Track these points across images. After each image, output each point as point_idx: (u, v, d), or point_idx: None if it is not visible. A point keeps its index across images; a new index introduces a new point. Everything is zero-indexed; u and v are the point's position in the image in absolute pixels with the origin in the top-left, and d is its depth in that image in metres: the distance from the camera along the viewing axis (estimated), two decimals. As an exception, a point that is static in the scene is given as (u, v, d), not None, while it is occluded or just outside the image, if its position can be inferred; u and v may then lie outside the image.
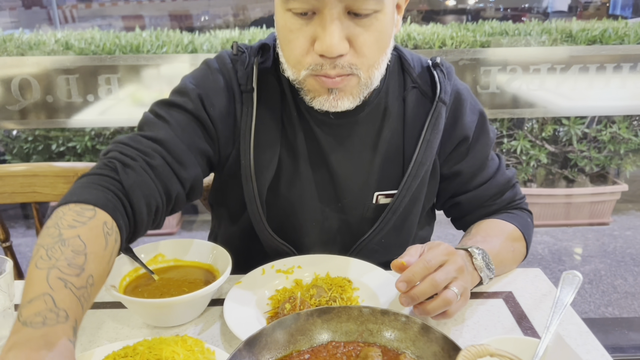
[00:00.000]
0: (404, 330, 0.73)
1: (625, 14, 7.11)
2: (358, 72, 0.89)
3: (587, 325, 0.88)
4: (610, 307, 2.70)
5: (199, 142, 0.99)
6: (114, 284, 0.91)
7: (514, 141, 3.41)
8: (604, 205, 3.58)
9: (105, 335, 0.89)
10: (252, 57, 1.02)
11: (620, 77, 2.21)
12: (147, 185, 0.89)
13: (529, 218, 1.15)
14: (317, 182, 1.06)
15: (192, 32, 3.32)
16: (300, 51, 0.88)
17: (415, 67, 1.07)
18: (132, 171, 0.88)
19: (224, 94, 1.01)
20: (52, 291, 0.67)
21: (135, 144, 0.93)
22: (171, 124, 0.97)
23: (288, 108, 1.03)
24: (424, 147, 1.02)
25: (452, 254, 0.85)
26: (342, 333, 0.75)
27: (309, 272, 1.00)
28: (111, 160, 0.89)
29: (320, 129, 1.03)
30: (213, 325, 0.91)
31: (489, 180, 1.12)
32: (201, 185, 1.01)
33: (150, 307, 0.87)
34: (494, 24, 3.42)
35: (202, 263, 1.00)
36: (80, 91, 2.12)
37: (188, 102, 0.99)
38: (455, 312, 0.84)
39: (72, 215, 0.78)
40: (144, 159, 0.91)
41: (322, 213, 1.07)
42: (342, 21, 0.84)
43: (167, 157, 0.93)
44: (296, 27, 0.87)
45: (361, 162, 1.05)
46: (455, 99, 1.07)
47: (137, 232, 0.89)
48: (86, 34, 3.19)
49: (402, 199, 1.04)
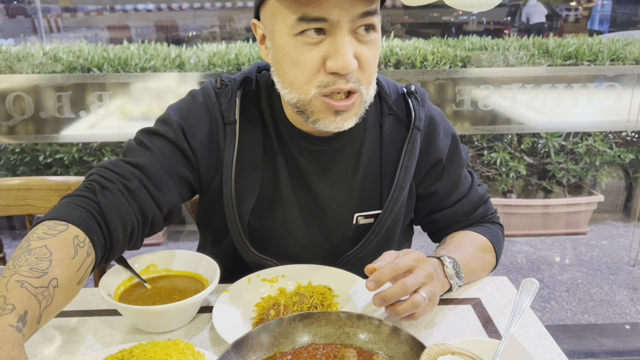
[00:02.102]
0: (377, 332, 0.81)
1: (602, 29, 7.31)
2: (362, 88, 0.94)
3: (561, 332, 0.96)
4: (587, 315, 2.79)
5: (179, 168, 1.05)
6: (110, 292, 0.97)
7: (494, 153, 3.50)
8: (581, 215, 3.68)
9: (102, 340, 0.95)
10: (234, 91, 1.07)
11: (591, 95, 2.32)
12: (123, 206, 0.95)
13: (500, 231, 1.23)
14: (300, 206, 1.11)
15: (179, 44, 3.38)
16: (311, 71, 0.92)
17: (391, 95, 1.14)
18: (109, 193, 0.95)
19: (206, 126, 1.06)
20: (7, 292, 0.74)
21: (115, 168, 1.00)
22: (152, 151, 1.03)
23: (269, 137, 1.09)
24: (402, 173, 1.09)
25: (422, 261, 0.92)
26: (321, 336, 0.83)
27: (292, 281, 1.08)
28: (91, 182, 0.97)
29: (302, 157, 1.08)
30: (203, 331, 0.97)
31: (462, 198, 1.19)
32: (179, 209, 1.07)
33: (144, 314, 0.93)
34: (473, 40, 3.53)
35: (191, 273, 1.07)
36: (73, 107, 2.18)
37: (170, 132, 1.05)
38: (423, 314, 0.92)
39: (43, 229, 0.85)
40: (121, 182, 0.97)
41: (305, 234, 1.13)
42: (351, 40, 0.90)
43: (144, 180, 0.99)
44: (307, 49, 0.91)
45: (342, 185, 1.11)
46: (429, 124, 1.14)
47: (113, 250, 0.95)
48: (74, 46, 3.23)
49: (384, 221, 1.11)
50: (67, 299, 0.84)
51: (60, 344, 0.94)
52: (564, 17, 7.23)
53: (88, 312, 1.03)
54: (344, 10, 0.87)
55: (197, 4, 6.83)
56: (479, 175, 3.58)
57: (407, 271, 0.89)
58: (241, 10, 6.70)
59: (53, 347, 0.93)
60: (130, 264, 1.05)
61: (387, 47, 3.19)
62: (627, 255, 3.40)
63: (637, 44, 3.25)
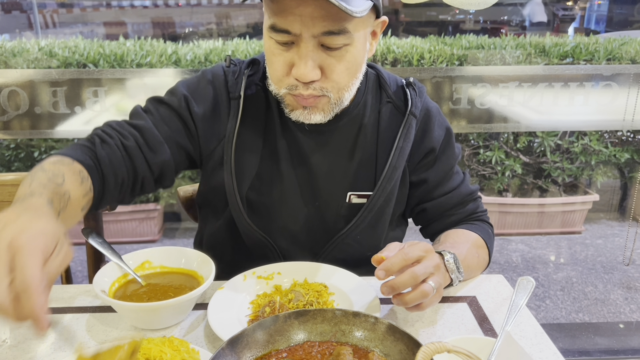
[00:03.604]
0: (373, 330, 0.80)
1: (599, 29, 7.33)
2: (329, 94, 1.02)
3: (556, 331, 0.96)
4: (581, 313, 2.79)
5: (177, 136, 1.13)
6: (104, 289, 0.97)
7: (490, 152, 3.50)
8: (576, 214, 3.68)
9: (96, 337, 0.95)
10: (242, 70, 1.15)
11: (589, 94, 2.32)
12: (117, 160, 1.06)
13: (490, 229, 1.24)
14: (298, 182, 1.16)
15: (175, 40, 3.36)
16: (280, 73, 1.01)
17: (391, 85, 1.19)
18: (107, 146, 1.06)
19: (210, 99, 1.15)
20: (31, 189, 0.84)
21: (117, 127, 1.11)
22: (154, 116, 1.13)
23: (272, 115, 1.15)
24: (397, 154, 1.14)
25: (430, 252, 0.93)
26: (317, 333, 0.82)
27: (288, 278, 1.07)
28: (93, 136, 1.09)
29: (302, 134, 1.14)
30: (197, 328, 0.97)
31: (453, 190, 1.22)
32: (171, 174, 1.15)
33: (139, 311, 0.93)
34: (470, 38, 3.52)
35: (186, 270, 1.06)
36: (68, 103, 2.16)
37: (174, 101, 1.14)
38: (429, 305, 0.92)
39: (53, 159, 0.98)
40: (120, 139, 1.08)
41: (301, 210, 1.17)
42: (316, 52, 0.96)
43: (140, 141, 1.09)
44: (278, 52, 1.00)
45: (338, 164, 1.16)
46: (425, 115, 1.20)
47: (105, 197, 1.05)
48: (70, 42, 3.20)
49: (377, 199, 1.14)
50: (73, 219, 0.93)
51: (53, 340, 0.93)
52: (561, 16, 7.25)
53: (82, 308, 1.03)
54: (305, 27, 0.93)
55: (194, 0, 6.80)
56: (474, 173, 3.58)
57: (415, 261, 0.90)
58: (238, 7, 6.68)
59: (46, 344, 0.92)
60: (125, 260, 1.04)
61: (384, 45, 3.18)
62: (622, 254, 3.42)
63: (634, 44, 3.26)
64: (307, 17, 0.92)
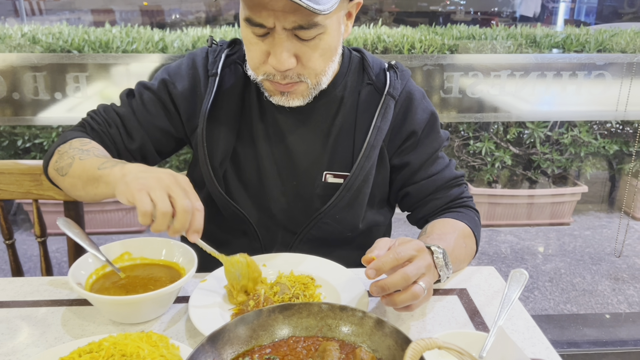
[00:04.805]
0: (360, 325, 0.77)
1: (589, 21, 7.33)
2: (306, 80, 1.05)
3: (544, 322, 0.93)
4: (569, 304, 2.80)
5: (157, 119, 1.19)
6: (81, 281, 0.93)
7: (479, 143, 3.48)
8: (565, 206, 3.69)
9: (71, 331, 0.90)
10: (223, 49, 1.18)
11: (581, 84, 2.29)
12: (104, 144, 1.15)
13: (476, 217, 1.21)
14: (275, 160, 1.18)
15: (163, 28, 3.30)
16: (258, 61, 1.04)
17: (374, 68, 1.20)
18: (95, 133, 1.17)
19: (189, 78, 1.19)
20: (110, 162, 0.97)
21: (104, 113, 1.20)
22: (136, 102, 1.19)
23: (250, 93, 1.18)
24: (374, 132, 1.14)
25: (422, 251, 0.90)
26: (302, 328, 0.79)
27: (273, 270, 1.04)
28: (85, 121, 1.19)
29: (280, 114, 1.16)
30: (179, 322, 0.93)
31: (436, 174, 1.21)
32: (153, 157, 1.21)
33: (117, 305, 0.89)
34: (461, 28, 3.49)
35: (168, 261, 1.02)
36: (48, 89, 2.09)
37: (154, 85, 1.20)
38: (418, 306, 0.89)
39: (76, 144, 1.09)
40: (105, 126, 1.18)
41: (279, 188, 1.18)
42: (291, 41, 0.99)
43: (120, 128, 1.18)
44: (254, 42, 1.02)
45: (315, 143, 1.17)
46: (407, 99, 1.19)
47: None
48: (54, 28, 3.12)
49: (355, 177, 1.14)
50: None
51: (27, 335, 0.89)
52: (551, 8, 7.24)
53: (57, 301, 0.98)
54: (277, 20, 0.96)
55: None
56: (464, 164, 3.56)
57: (406, 260, 0.87)
58: (224, -4, 6.59)
59: (19, 339, 0.88)
60: (104, 251, 1.00)
61: (374, 34, 3.14)
62: (610, 245, 3.43)
63: (624, 35, 3.25)
64: (279, 12, 0.94)
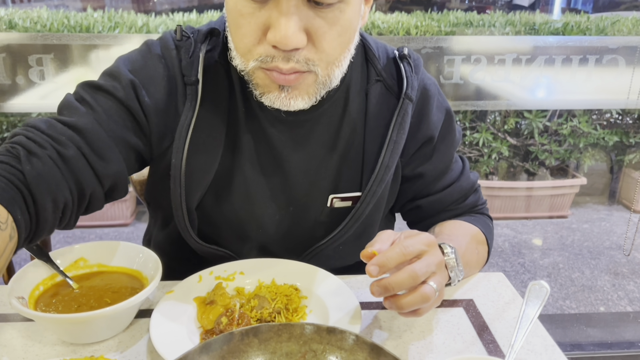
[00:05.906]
0: (352, 351, 0.64)
1: (586, 9, 7.20)
2: (315, 69, 0.78)
3: (546, 322, 0.80)
4: (568, 300, 2.71)
5: (127, 134, 0.86)
6: (23, 295, 0.79)
7: (477, 133, 3.38)
8: (563, 198, 3.61)
9: (12, 353, 0.77)
10: (198, 44, 0.88)
11: (586, 71, 2.16)
12: (54, 178, 0.75)
13: (490, 223, 1.07)
14: (267, 185, 0.95)
15: (148, 14, 3.15)
16: (250, 39, 0.76)
17: (380, 58, 0.96)
18: (38, 160, 0.75)
19: (163, 84, 0.89)
20: None
21: (48, 129, 0.79)
22: (95, 111, 0.84)
23: (236, 103, 0.91)
24: (390, 149, 0.91)
25: (433, 246, 0.75)
26: (281, 355, 0.66)
27: (252, 279, 0.90)
28: (15, 146, 0.76)
29: (273, 128, 0.91)
30: (140, 341, 0.80)
31: (452, 184, 1.03)
32: (124, 183, 0.88)
33: (64, 323, 0.75)
34: (458, 14, 3.37)
35: (129, 269, 0.88)
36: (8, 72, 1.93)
37: (118, 89, 0.86)
38: (428, 310, 0.76)
39: None
40: (54, 148, 0.77)
41: (271, 218, 0.97)
42: (301, 9, 0.72)
43: (84, 148, 0.80)
44: (248, 11, 0.74)
45: (317, 162, 0.94)
46: (422, 95, 0.97)
47: (40, 230, 0.75)
48: (33, 12, 2.97)
49: (366, 205, 0.94)
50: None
51: (-43, 359, 0.76)
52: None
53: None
54: None
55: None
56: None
57: (415, 257, 0.73)
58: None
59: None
60: (54, 257, 0.86)
61: (368, 19, 3.01)
62: (608, 239, 3.35)
63: (626, 22, 3.16)
64: None
